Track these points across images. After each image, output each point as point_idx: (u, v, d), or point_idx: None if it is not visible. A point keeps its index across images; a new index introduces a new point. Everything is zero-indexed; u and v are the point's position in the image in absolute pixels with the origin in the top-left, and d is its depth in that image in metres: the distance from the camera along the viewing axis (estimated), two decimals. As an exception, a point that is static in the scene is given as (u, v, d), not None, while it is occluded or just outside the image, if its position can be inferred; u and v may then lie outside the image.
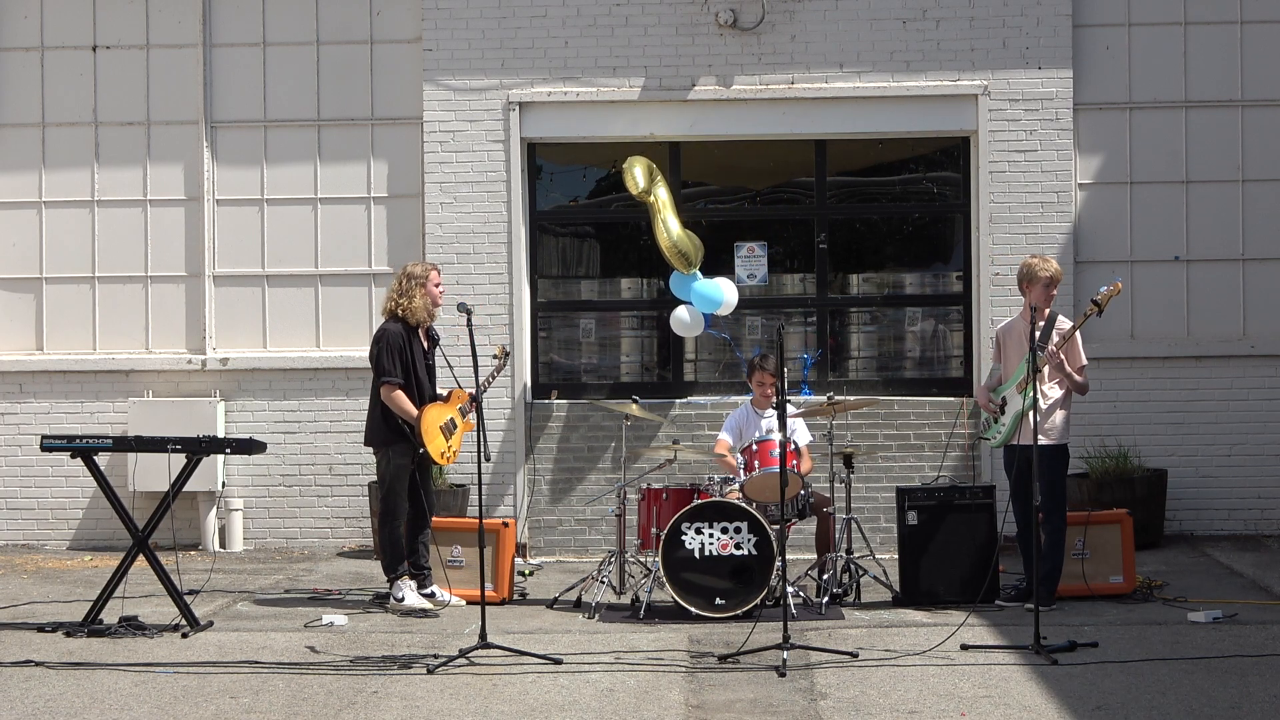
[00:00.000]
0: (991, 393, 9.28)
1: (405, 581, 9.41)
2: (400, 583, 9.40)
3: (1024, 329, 8.97)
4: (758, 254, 12.04)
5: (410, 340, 9.50)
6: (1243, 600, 9.19)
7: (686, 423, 11.69)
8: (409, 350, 9.47)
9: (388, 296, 9.71)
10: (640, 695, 7.18)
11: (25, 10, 12.20)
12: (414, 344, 9.53)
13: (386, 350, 9.44)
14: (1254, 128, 11.78)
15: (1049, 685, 7.23)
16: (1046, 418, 9.01)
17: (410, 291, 9.55)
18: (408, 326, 9.53)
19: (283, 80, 12.11)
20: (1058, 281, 9.11)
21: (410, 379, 9.44)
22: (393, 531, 9.44)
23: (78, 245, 12.21)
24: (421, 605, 9.31)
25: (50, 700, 7.17)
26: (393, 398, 9.39)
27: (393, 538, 9.44)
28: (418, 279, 9.57)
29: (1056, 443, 9.04)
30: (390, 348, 9.44)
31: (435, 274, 9.69)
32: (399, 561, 9.44)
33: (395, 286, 9.68)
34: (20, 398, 12.14)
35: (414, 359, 9.48)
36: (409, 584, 9.42)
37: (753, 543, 8.90)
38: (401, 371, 9.41)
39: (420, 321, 9.58)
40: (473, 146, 11.88)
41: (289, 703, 7.11)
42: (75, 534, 12.09)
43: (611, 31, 11.85)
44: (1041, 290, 9.09)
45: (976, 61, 11.75)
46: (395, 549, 9.43)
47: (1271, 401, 11.50)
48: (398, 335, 9.49)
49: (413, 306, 9.53)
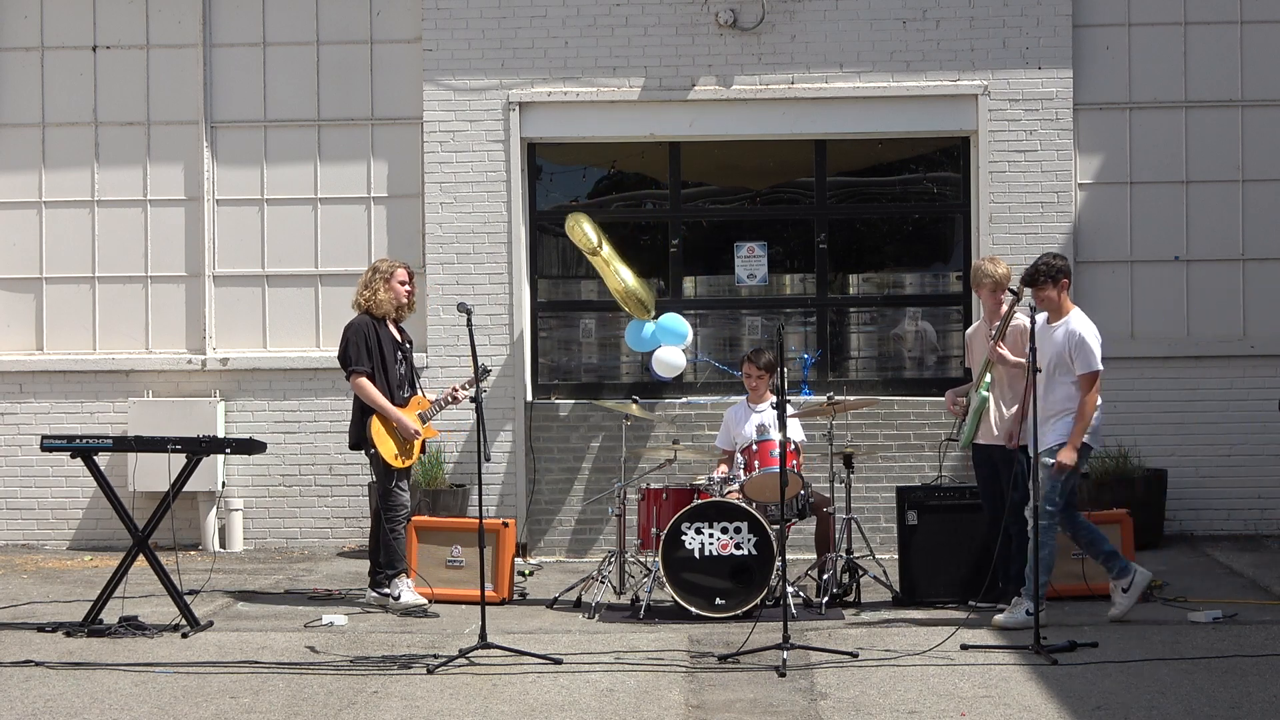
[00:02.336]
0: (960, 396, 9.30)
1: (403, 580, 9.40)
2: (398, 581, 9.40)
3: (986, 330, 9.15)
4: (758, 254, 12.04)
5: (379, 331, 9.45)
6: (1243, 600, 9.19)
7: (686, 423, 11.69)
8: (377, 341, 9.41)
9: (356, 292, 9.68)
10: (640, 695, 7.18)
11: (25, 10, 12.20)
12: (383, 336, 9.46)
13: (351, 341, 9.42)
14: (1254, 128, 11.78)
15: (1049, 685, 7.23)
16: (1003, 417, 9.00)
17: (374, 284, 9.52)
18: (375, 319, 9.50)
19: (283, 80, 12.11)
20: (1003, 285, 9.06)
21: (380, 371, 9.39)
22: (395, 529, 9.42)
23: (78, 245, 12.21)
24: (418, 602, 9.30)
25: (50, 700, 7.17)
26: (360, 385, 9.35)
27: (395, 535, 9.42)
28: (382, 273, 9.56)
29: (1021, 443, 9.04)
30: (355, 338, 9.41)
31: (402, 272, 9.62)
32: (399, 560, 9.43)
33: (361, 280, 9.67)
34: (20, 398, 12.14)
35: (383, 351, 9.42)
36: (406, 582, 9.42)
37: (753, 543, 8.90)
38: (370, 363, 9.38)
39: (386, 314, 9.52)
40: (473, 146, 11.88)
41: (289, 703, 7.11)
42: (75, 534, 12.09)
43: (611, 31, 11.85)
44: (987, 294, 9.16)
45: (976, 61, 11.75)
46: (398, 546, 9.41)
47: (1271, 401, 11.48)
48: (363, 325, 9.45)
49: (377, 299, 9.49)
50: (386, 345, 9.45)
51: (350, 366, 9.40)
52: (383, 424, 9.36)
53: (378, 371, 9.39)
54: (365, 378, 9.35)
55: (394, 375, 9.47)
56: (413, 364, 9.75)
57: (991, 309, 9.17)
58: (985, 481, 9.18)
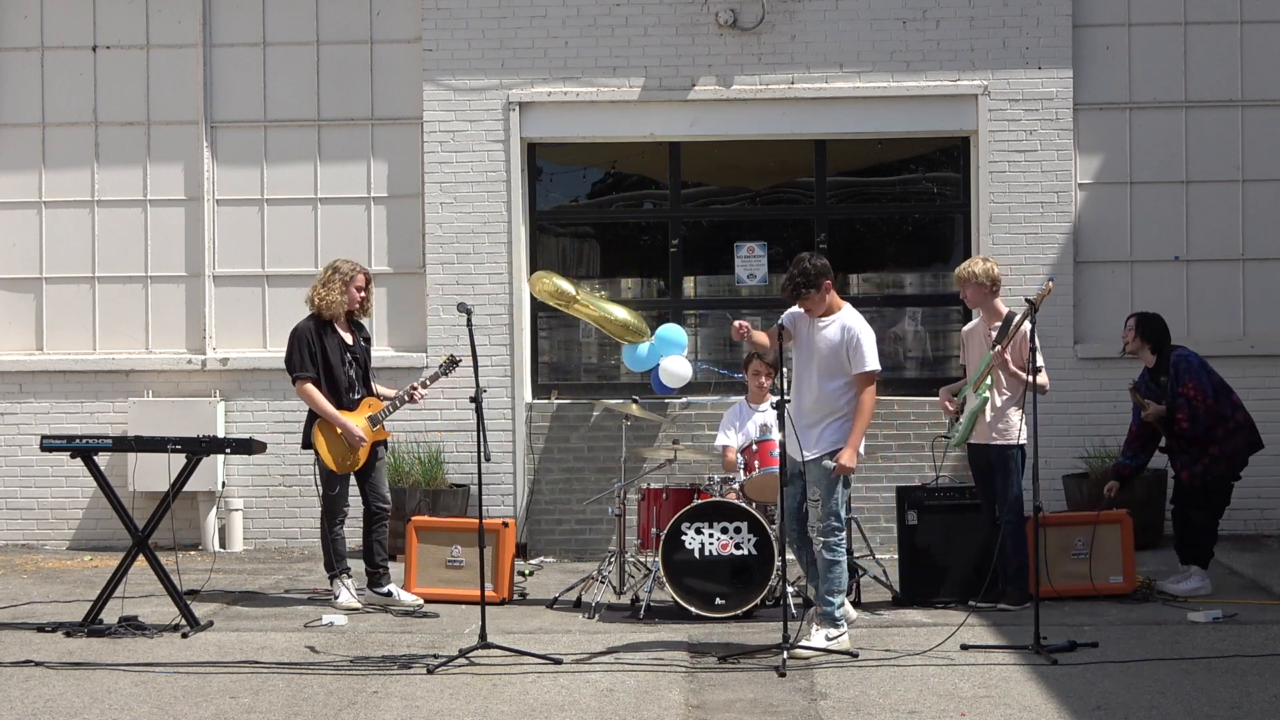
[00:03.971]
0: (953, 395, 9.30)
1: (342, 580, 9.40)
2: (337, 581, 9.41)
3: (983, 330, 9.17)
4: (758, 254, 12.04)
5: (323, 335, 9.38)
6: (1243, 600, 9.19)
7: (686, 423, 11.69)
8: (321, 346, 9.34)
9: (312, 289, 9.56)
10: (640, 695, 7.18)
11: (25, 10, 12.21)
12: (328, 339, 9.39)
13: (295, 346, 9.38)
14: (1254, 128, 11.79)
15: (1049, 685, 7.23)
16: (1000, 419, 9.03)
17: (331, 284, 9.42)
18: (321, 322, 9.43)
19: (283, 80, 12.11)
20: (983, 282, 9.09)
21: (326, 376, 9.34)
22: (330, 530, 9.42)
23: (78, 245, 12.21)
24: (352, 605, 9.29)
25: (50, 700, 7.17)
26: (304, 391, 9.32)
27: (331, 536, 9.42)
28: (342, 274, 9.45)
29: (1011, 443, 9.05)
30: (299, 343, 9.36)
31: (361, 277, 9.48)
32: (338, 560, 9.43)
33: (319, 278, 9.56)
34: (20, 398, 12.15)
35: (328, 355, 9.35)
36: (346, 583, 9.41)
37: (753, 543, 8.90)
38: (316, 368, 9.34)
39: (335, 316, 9.43)
40: (473, 146, 11.88)
41: (289, 703, 7.11)
42: (75, 534, 12.09)
43: (611, 31, 11.85)
44: (972, 292, 9.17)
45: (976, 61, 11.75)
46: (334, 547, 9.42)
47: (1271, 401, 11.48)
48: (306, 330, 9.40)
49: (329, 300, 9.39)
50: (332, 349, 9.37)
51: (294, 373, 9.38)
52: (327, 429, 9.35)
53: (322, 377, 9.35)
54: (310, 383, 9.31)
55: (341, 379, 9.38)
56: (366, 363, 9.61)
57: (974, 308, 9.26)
58: (982, 481, 9.21)
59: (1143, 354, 9.58)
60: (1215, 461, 9.33)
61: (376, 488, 9.54)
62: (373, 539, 9.49)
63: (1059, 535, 9.38)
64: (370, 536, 9.49)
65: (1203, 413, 9.25)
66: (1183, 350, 9.51)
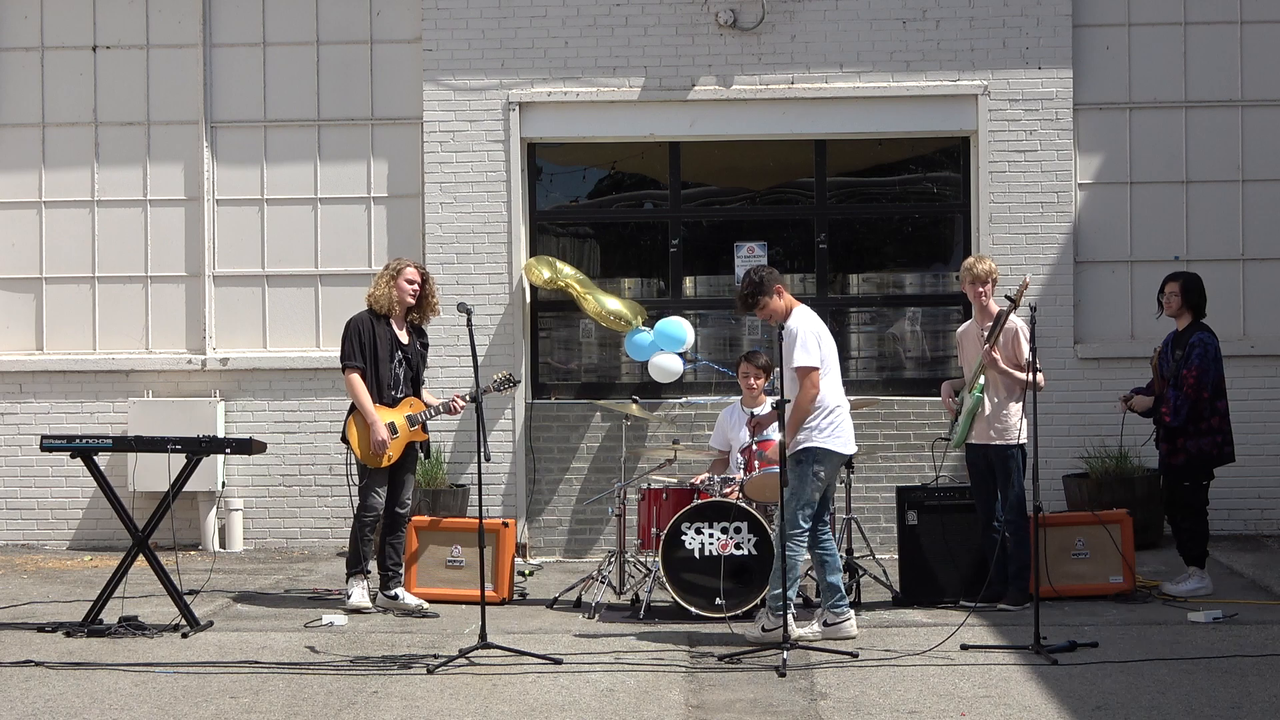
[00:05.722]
0: (955, 393, 9.32)
1: (358, 580, 9.38)
2: (353, 580, 9.39)
3: (976, 330, 9.17)
4: (758, 254, 12.04)
5: (375, 328, 9.39)
6: (1243, 600, 9.19)
7: (686, 423, 11.69)
8: (372, 338, 9.34)
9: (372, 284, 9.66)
10: (640, 695, 7.18)
11: (25, 10, 12.20)
12: (380, 333, 9.39)
13: (345, 336, 9.41)
14: (1254, 128, 11.79)
15: (1049, 685, 7.23)
16: (998, 418, 9.03)
17: (380, 279, 9.50)
18: (375, 315, 9.47)
19: (283, 80, 12.11)
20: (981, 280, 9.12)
21: (371, 369, 9.34)
22: (361, 529, 9.37)
23: (78, 245, 12.21)
24: (362, 606, 9.27)
25: (50, 700, 7.17)
26: (348, 381, 9.33)
27: (362, 537, 9.37)
28: (390, 269, 9.52)
29: (1011, 443, 9.05)
30: (348, 334, 9.39)
31: (411, 271, 9.49)
32: (359, 561, 9.40)
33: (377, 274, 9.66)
34: (20, 398, 12.15)
35: (377, 349, 9.35)
36: (363, 584, 9.38)
37: (753, 543, 8.91)
38: (364, 359, 9.34)
39: (389, 311, 9.44)
40: (473, 146, 11.88)
41: (289, 703, 7.11)
42: (75, 534, 12.09)
43: (611, 31, 11.85)
44: (968, 289, 9.18)
45: (976, 61, 11.75)
46: (359, 548, 9.37)
47: (1271, 401, 11.49)
48: (359, 321, 9.42)
49: (377, 294, 9.45)
50: (382, 343, 9.38)
51: (342, 362, 9.40)
52: (361, 421, 9.34)
53: (369, 369, 9.37)
54: (356, 374, 9.33)
55: (386, 374, 9.37)
56: (418, 366, 9.59)
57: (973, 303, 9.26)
58: (979, 481, 9.20)
59: (1181, 318, 9.52)
60: (1176, 452, 9.32)
61: (398, 492, 9.46)
62: (387, 541, 9.45)
63: (1059, 535, 9.38)
64: (385, 539, 9.45)
65: (1186, 410, 9.24)
66: (1206, 335, 9.42)
